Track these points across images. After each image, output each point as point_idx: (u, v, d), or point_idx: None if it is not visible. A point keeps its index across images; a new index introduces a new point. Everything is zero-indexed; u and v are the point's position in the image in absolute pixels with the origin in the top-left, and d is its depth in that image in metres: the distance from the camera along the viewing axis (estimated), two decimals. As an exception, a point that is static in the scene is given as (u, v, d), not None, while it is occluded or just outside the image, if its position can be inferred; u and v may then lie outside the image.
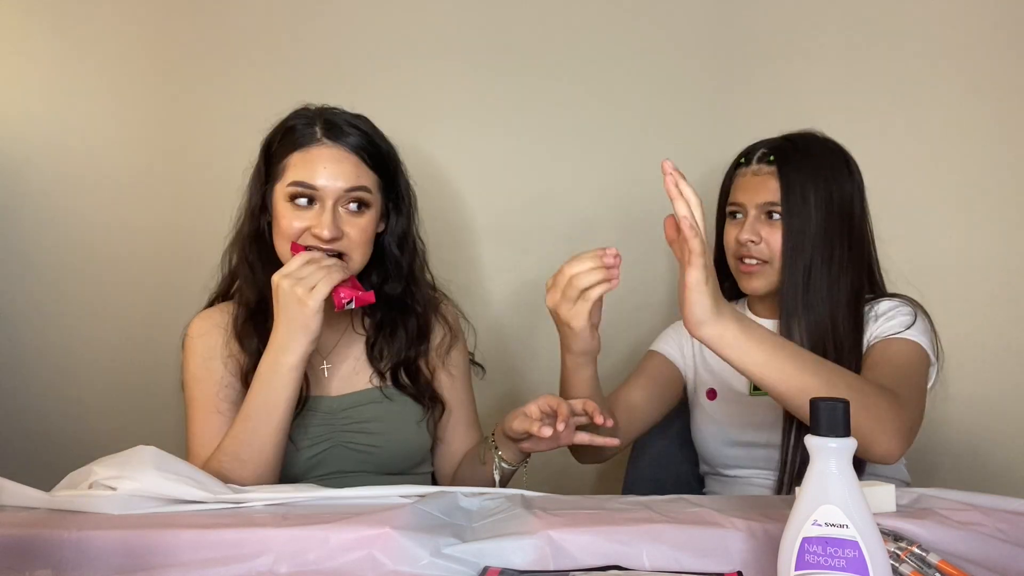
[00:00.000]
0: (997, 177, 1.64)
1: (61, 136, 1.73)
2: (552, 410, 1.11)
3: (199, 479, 0.99)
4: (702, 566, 0.80)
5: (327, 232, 1.16)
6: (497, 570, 0.78)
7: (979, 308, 1.63)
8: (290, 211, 1.18)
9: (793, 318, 1.22)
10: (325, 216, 1.17)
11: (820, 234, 1.21)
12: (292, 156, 1.20)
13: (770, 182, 1.24)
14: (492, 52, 1.73)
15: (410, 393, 1.28)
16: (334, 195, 1.18)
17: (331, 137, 1.20)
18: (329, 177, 1.18)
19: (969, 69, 1.64)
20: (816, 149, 1.26)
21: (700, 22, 1.72)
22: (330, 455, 1.22)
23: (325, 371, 1.27)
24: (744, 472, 1.31)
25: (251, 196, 1.26)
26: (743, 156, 1.31)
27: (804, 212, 1.21)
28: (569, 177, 1.75)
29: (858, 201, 1.27)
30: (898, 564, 0.75)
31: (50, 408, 1.75)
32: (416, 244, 1.32)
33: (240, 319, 1.24)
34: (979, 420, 1.64)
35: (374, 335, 1.30)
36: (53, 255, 1.74)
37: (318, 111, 1.24)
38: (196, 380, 1.24)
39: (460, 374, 1.35)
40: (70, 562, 0.82)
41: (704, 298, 0.93)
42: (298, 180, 1.18)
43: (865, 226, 1.28)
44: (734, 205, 1.29)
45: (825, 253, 1.22)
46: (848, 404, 0.67)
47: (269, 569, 0.81)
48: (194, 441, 1.21)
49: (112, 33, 1.72)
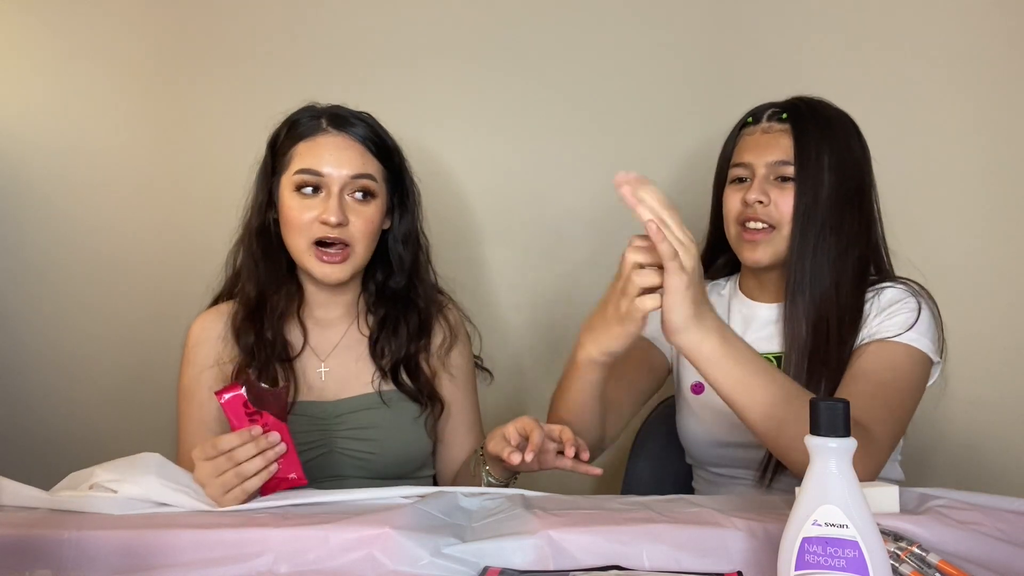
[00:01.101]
0: (1001, 177, 1.64)
1: (62, 137, 1.73)
2: (528, 434, 1.04)
3: (199, 490, 0.99)
4: (702, 566, 0.80)
5: (334, 217, 1.16)
6: (497, 570, 0.78)
7: (980, 308, 1.62)
8: (297, 201, 1.19)
9: (799, 294, 1.14)
10: (332, 202, 1.17)
11: (832, 199, 1.14)
12: (298, 146, 1.21)
13: (782, 140, 1.16)
14: (496, 52, 1.73)
15: (409, 392, 1.26)
16: (340, 182, 1.18)
17: (337, 127, 1.21)
18: (335, 164, 1.18)
19: (974, 66, 1.64)
20: (828, 111, 1.20)
21: (701, 22, 1.71)
22: (326, 461, 1.21)
23: (322, 375, 1.26)
24: (730, 471, 1.26)
25: (257, 192, 1.26)
26: (750, 115, 1.23)
27: (817, 174, 1.13)
28: (572, 176, 1.74)
29: (867, 170, 1.20)
30: (898, 564, 0.75)
31: (50, 408, 1.75)
32: (420, 241, 1.32)
33: (239, 316, 1.24)
34: (979, 420, 1.64)
35: (377, 332, 1.29)
36: (53, 255, 1.74)
37: (324, 107, 1.25)
38: (187, 393, 1.24)
39: (461, 376, 1.33)
40: (70, 562, 0.82)
41: (682, 305, 0.90)
42: (304, 168, 1.19)
43: (873, 198, 1.21)
44: (740, 166, 1.20)
45: (835, 221, 1.14)
46: (848, 404, 0.67)
47: (269, 569, 0.81)
48: (182, 458, 1.19)
49: (113, 33, 1.72)
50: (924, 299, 1.15)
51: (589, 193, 1.73)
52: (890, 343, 1.11)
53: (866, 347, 1.12)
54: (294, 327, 1.27)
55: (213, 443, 0.97)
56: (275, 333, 1.23)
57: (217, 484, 0.97)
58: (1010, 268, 1.64)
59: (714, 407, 1.25)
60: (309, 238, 1.19)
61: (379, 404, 1.25)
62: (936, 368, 1.15)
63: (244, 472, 0.96)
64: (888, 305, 1.15)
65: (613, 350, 1.02)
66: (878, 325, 1.13)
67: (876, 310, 1.15)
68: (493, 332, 1.43)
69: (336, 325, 1.29)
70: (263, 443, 0.97)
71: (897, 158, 1.65)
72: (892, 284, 1.18)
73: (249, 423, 0.98)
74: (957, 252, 1.64)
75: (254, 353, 1.21)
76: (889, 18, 1.67)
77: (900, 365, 1.10)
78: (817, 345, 1.14)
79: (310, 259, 1.20)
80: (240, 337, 1.22)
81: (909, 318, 1.12)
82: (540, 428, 1.03)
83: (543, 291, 1.75)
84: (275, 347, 1.23)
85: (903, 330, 1.11)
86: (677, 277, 0.89)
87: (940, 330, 1.15)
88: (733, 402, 0.97)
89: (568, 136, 1.74)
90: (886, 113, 1.64)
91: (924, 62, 1.66)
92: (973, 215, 1.65)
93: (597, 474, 1.05)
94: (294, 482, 1.02)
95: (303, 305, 1.28)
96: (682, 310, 0.91)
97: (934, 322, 1.15)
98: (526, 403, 1.76)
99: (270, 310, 1.23)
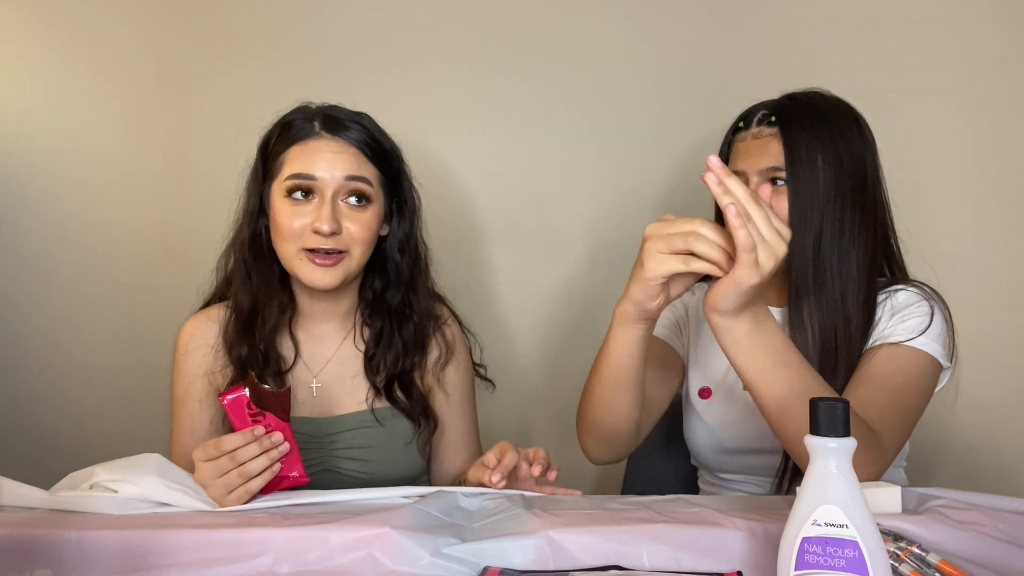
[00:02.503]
0: (1007, 177, 1.64)
1: (61, 137, 1.73)
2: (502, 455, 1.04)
3: (200, 490, 0.99)
4: (702, 566, 0.80)
5: (326, 225, 1.11)
6: (497, 570, 0.78)
7: (983, 309, 1.62)
8: (288, 207, 1.14)
9: (804, 301, 1.11)
10: (324, 208, 1.12)
11: (829, 199, 1.10)
12: (290, 150, 1.16)
13: (772, 145, 1.12)
14: (496, 52, 1.73)
15: (403, 408, 1.23)
16: (333, 186, 1.14)
17: (331, 131, 1.16)
18: (327, 167, 1.14)
19: (980, 62, 1.64)
20: (821, 106, 1.16)
21: (701, 22, 1.72)
22: (318, 479, 1.17)
23: (314, 390, 1.23)
24: (737, 477, 1.25)
25: (248, 197, 1.22)
26: (742, 119, 1.20)
27: (811, 176, 1.09)
28: (573, 177, 1.74)
29: (870, 162, 1.15)
30: (898, 564, 0.75)
31: (50, 408, 1.75)
32: (419, 248, 1.28)
33: (231, 328, 1.21)
34: (980, 420, 1.64)
35: (373, 347, 1.25)
36: (52, 256, 1.74)
37: (318, 108, 1.21)
38: (178, 402, 1.23)
39: (457, 394, 1.30)
40: (70, 562, 0.82)
41: (737, 296, 0.88)
42: (295, 172, 1.14)
43: (879, 190, 1.17)
44: (734, 174, 1.20)
45: (835, 220, 1.10)
46: (848, 404, 0.67)
47: (269, 569, 0.81)
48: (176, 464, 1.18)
49: (111, 34, 1.72)
50: (937, 303, 1.13)
51: (590, 193, 1.74)
52: (902, 347, 1.09)
53: (877, 350, 1.10)
54: (286, 340, 1.24)
55: (215, 443, 0.96)
56: (267, 346, 1.21)
57: (220, 484, 0.96)
58: (1011, 268, 1.64)
59: (721, 413, 1.24)
60: (299, 246, 1.14)
61: (372, 423, 1.22)
62: (946, 373, 1.13)
63: (248, 472, 0.96)
64: (901, 308, 1.12)
65: (637, 298, 0.97)
66: (890, 328, 1.11)
67: (888, 313, 1.13)
68: (493, 332, 1.43)
69: (329, 339, 1.26)
70: (267, 443, 0.97)
71: (901, 156, 1.65)
72: (905, 287, 1.15)
73: (252, 424, 0.98)
74: (957, 253, 1.64)
75: (245, 367, 1.18)
76: (890, 13, 1.66)
77: (911, 370, 1.08)
78: (826, 352, 1.12)
79: (300, 264, 1.15)
80: (232, 349, 1.20)
81: (922, 322, 1.10)
82: (515, 451, 1.04)
83: (543, 290, 1.75)
84: (268, 361, 1.20)
85: (915, 334, 1.09)
86: (747, 271, 0.85)
87: (952, 335, 1.13)
88: (752, 387, 0.96)
89: (568, 136, 1.74)
90: (889, 108, 1.64)
91: (929, 56, 1.65)
92: (972, 216, 1.65)
93: (577, 495, 1.04)
94: (296, 480, 1.02)
95: (295, 317, 1.25)
96: (733, 300, 0.89)
97: (946, 327, 1.12)
98: (526, 402, 1.76)
99: (262, 322, 1.20)
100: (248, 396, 0.98)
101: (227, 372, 1.20)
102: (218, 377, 1.21)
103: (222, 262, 1.27)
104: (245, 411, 0.98)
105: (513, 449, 1.04)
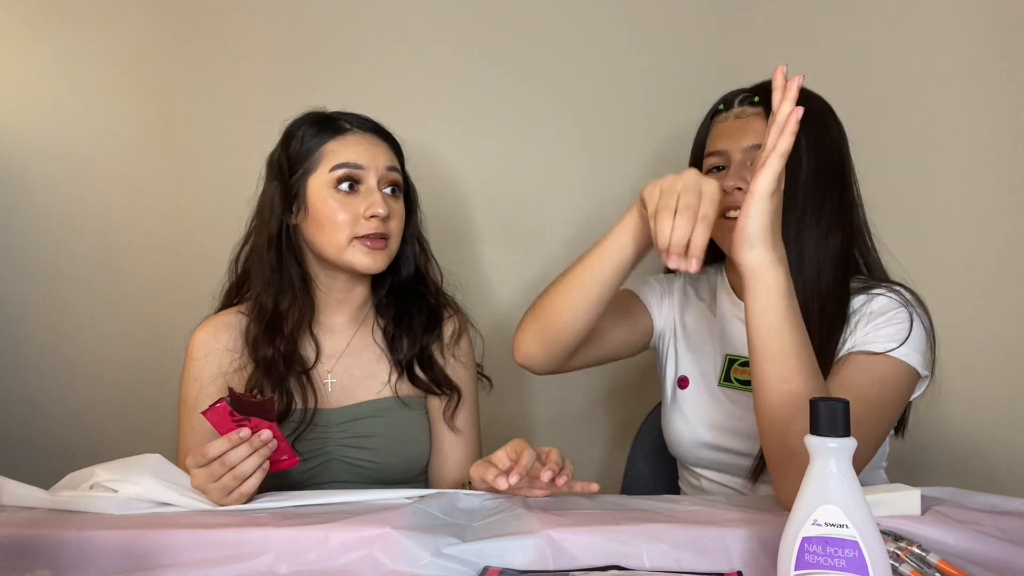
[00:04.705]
0: (999, 176, 1.64)
1: (64, 138, 1.73)
2: (518, 456, 1.01)
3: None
4: (702, 566, 0.80)
5: (382, 209, 1.17)
6: (497, 570, 0.78)
7: (980, 307, 1.63)
8: (337, 198, 1.18)
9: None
10: (376, 195, 1.19)
11: (811, 182, 1.10)
12: (329, 143, 1.21)
13: (755, 123, 1.13)
14: (494, 52, 1.73)
15: (423, 386, 1.26)
16: (377, 174, 1.20)
17: (360, 127, 1.24)
18: (371, 156, 1.20)
19: (972, 60, 1.64)
20: (801, 92, 1.12)
21: (701, 20, 1.72)
22: (326, 469, 1.20)
23: (329, 385, 1.25)
24: (714, 475, 1.23)
25: (273, 196, 1.22)
26: (722, 102, 1.21)
27: (795, 155, 1.04)
28: (570, 177, 1.75)
29: (846, 152, 1.16)
30: (898, 564, 0.75)
31: (51, 408, 1.75)
32: (422, 239, 1.33)
33: (254, 328, 1.21)
34: (979, 420, 1.64)
35: (393, 328, 1.29)
36: (57, 255, 1.74)
37: (336, 111, 1.26)
38: (189, 407, 1.22)
39: (469, 364, 1.33)
40: (70, 562, 0.82)
41: (764, 213, 0.88)
42: (343, 162, 1.19)
43: (853, 181, 1.17)
44: (716, 155, 1.17)
45: (816, 203, 1.10)
46: (848, 404, 0.67)
47: (269, 569, 0.81)
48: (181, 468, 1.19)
49: (118, 32, 1.72)
50: (916, 310, 1.09)
51: (589, 192, 1.74)
52: (879, 357, 1.04)
53: (854, 357, 1.06)
54: (306, 338, 1.25)
55: (202, 451, 0.97)
56: (291, 347, 1.22)
57: (216, 488, 0.98)
58: (1010, 267, 1.64)
59: (699, 403, 1.23)
60: (351, 234, 1.18)
61: (381, 412, 1.24)
62: (923, 382, 1.09)
63: (241, 473, 0.97)
64: (879, 314, 1.08)
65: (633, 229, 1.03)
66: (866, 335, 1.07)
67: (866, 316, 1.09)
68: (490, 331, 1.43)
69: (342, 331, 1.28)
70: (256, 442, 0.98)
71: (897, 157, 1.65)
72: (884, 292, 1.11)
73: (236, 428, 0.98)
74: (957, 251, 1.64)
75: (271, 368, 1.19)
76: (881, 11, 1.66)
77: (888, 381, 1.04)
78: None
79: (352, 251, 1.18)
80: (258, 349, 1.20)
81: (900, 331, 1.06)
82: (531, 449, 1.02)
83: (540, 290, 1.74)
84: (292, 361, 1.21)
85: (894, 344, 1.05)
86: (770, 178, 0.89)
87: (932, 342, 1.10)
88: (756, 341, 0.94)
89: (565, 138, 1.74)
90: (879, 106, 1.64)
91: (921, 56, 1.65)
92: (972, 213, 1.65)
93: (593, 491, 1.02)
94: (287, 463, 1.04)
95: (314, 314, 1.27)
96: (760, 219, 0.89)
97: (925, 335, 1.08)
98: (526, 402, 1.76)
99: (286, 322, 1.22)
100: (229, 405, 0.98)
101: (245, 373, 1.20)
102: (234, 378, 1.21)
103: (233, 265, 1.28)
104: (228, 419, 0.98)
105: (530, 448, 1.02)
